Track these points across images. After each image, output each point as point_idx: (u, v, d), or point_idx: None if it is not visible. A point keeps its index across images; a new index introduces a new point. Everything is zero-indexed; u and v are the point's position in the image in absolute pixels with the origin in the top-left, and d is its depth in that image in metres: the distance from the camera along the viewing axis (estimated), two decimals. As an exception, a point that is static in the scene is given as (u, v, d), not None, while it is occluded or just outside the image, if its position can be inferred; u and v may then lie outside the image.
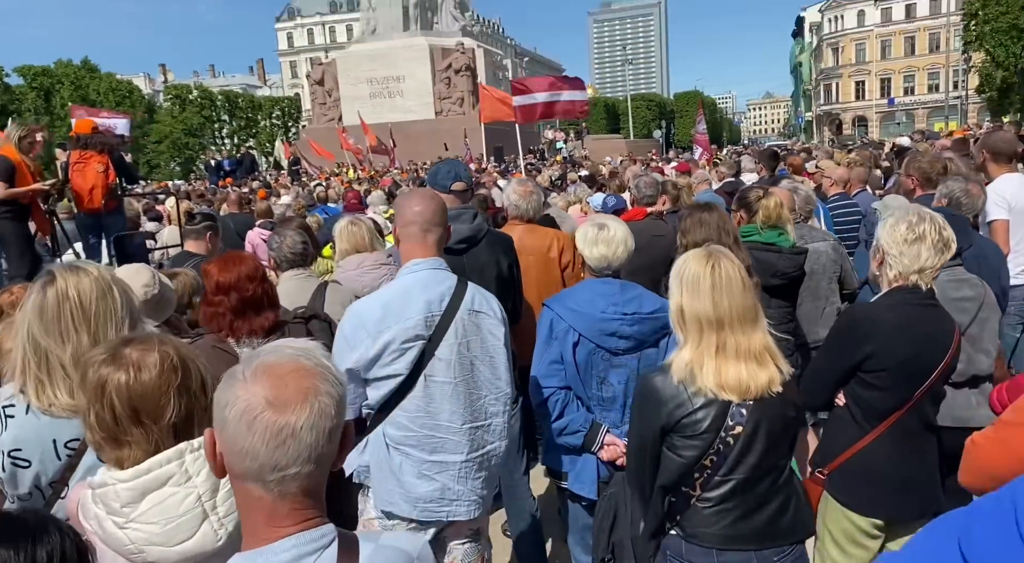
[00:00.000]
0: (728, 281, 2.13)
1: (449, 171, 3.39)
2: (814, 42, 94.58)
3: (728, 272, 2.14)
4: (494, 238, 3.46)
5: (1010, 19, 47.42)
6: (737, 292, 2.13)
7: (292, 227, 3.52)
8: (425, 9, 36.09)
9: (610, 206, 5.58)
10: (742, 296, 2.13)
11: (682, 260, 2.23)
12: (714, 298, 2.11)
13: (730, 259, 2.18)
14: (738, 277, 2.14)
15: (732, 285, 2.13)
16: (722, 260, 2.16)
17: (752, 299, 2.16)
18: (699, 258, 2.18)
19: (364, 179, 21.51)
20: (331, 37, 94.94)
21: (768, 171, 8.03)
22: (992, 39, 48.58)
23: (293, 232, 3.48)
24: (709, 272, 2.14)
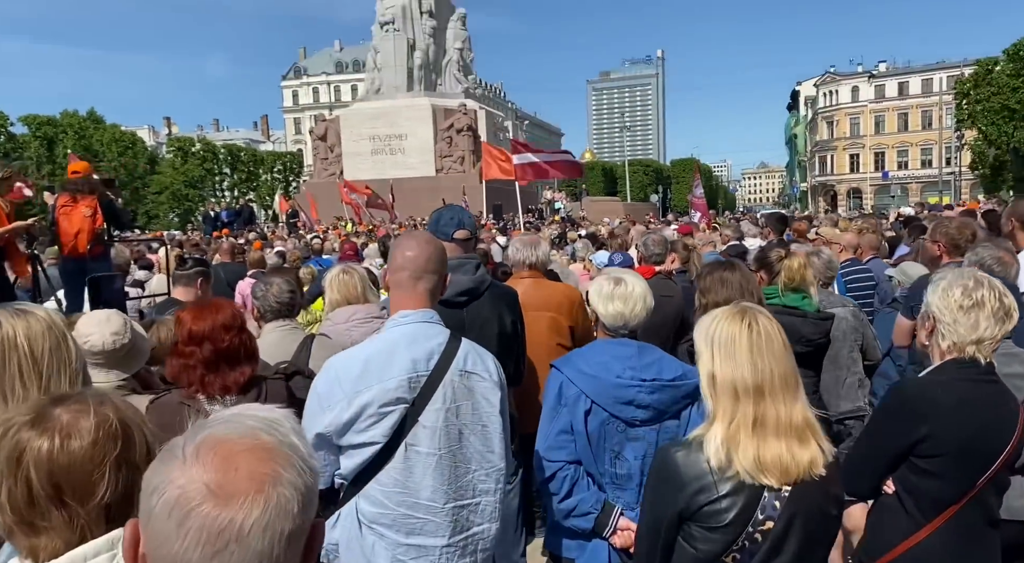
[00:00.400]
0: (768, 341, 1.86)
1: (452, 217, 3.15)
2: (809, 115, 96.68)
3: (767, 331, 1.87)
4: (498, 291, 3.20)
5: (1001, 100, 48.54)
6: (779, 354, 1.85)
7: (279, 275, 3.25)
8: (429, 71, 36.73)
9: (616, 264, 5.35)
10: (784, 359, 1.86)
11: (712, 319, 1.95)
12: (753, 362, 1.84)
13: (767, 317, 1.92)
14: (778, 337, 1.88)
15: (772, 346, 1.85)
16: (759, 318, 1.90)
17: (793, 363, 1.89)
18: (733, 316, 1.91)
19: (362, 233, 21.40)
20: (336, 96, 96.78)
21: (776, 235, 7.85)
22: (984, 118, 49.64)
23: (280, 280, 3.22)
24: (746, 332, 1.87)
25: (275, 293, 3.17)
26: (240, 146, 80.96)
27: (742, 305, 1.95)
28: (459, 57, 37.80)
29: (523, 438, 3.35)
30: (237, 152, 75.84)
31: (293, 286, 3.27)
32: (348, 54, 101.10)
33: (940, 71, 79.93)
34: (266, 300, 3.18)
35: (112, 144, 64.20)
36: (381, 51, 36.47)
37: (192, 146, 71.41)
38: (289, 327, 3.22)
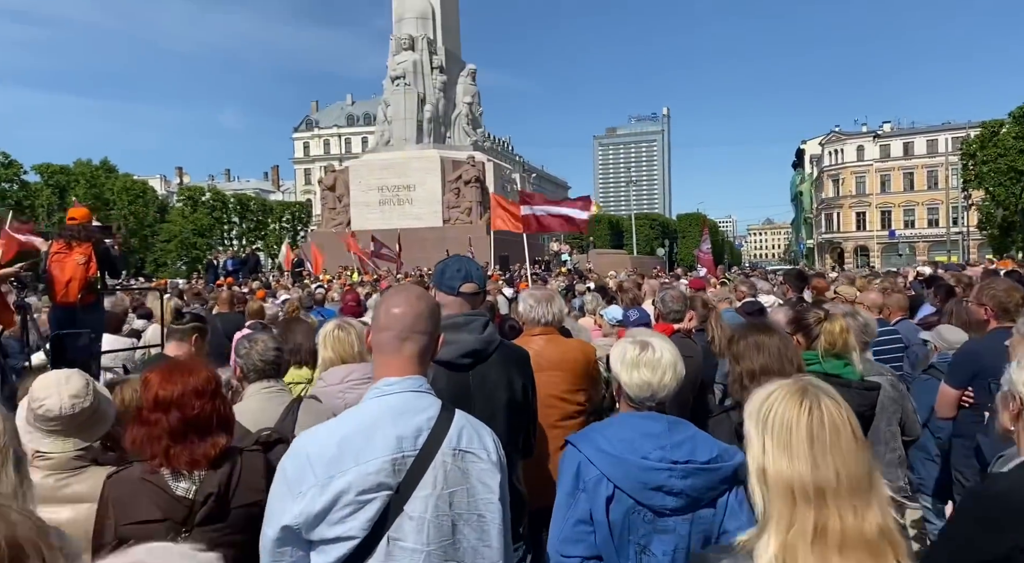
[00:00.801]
0: (834, 432, 1.52)
1: (459, 269, 2.86)
2: (814, 173, 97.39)
3: (834, 419, 1.54)
4: (508, 353, 2.89)
5: (1008, 161, 48.73)
6: (848, 450, 1.52)
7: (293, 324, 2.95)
8: (439, 124, 37.10)
9: (632, 320, 5.04)
10: (855, 456, 1.52)
11: (764, 398, 1.62)
12: (814, 457, 1.51)
13: (833, 399, 1.59)
14: (848, 428, 1.54)
15: (841, 439, 1.52)
16: (823, 400, 1.57)
17: (867, 461, 1.55)
18: (790, 396, 1.59)
19: (367, 282, 21.18)
20: (346, 148, 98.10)
21: (795, 292, 7.53)
22: (991, 179, 49.77)
23: (265, 336, 2.93)
24: (805, 418, 1.54)
25: (259, 351, 2.88)
26: (250, 196, 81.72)
27: (802, 382, 1.62)
28: (468, 111, 38.24)
29: (532, 516, 3.00)
30: (246, 201, 76.52)
31: (279, 343, 2.97)
32: (359, 108, 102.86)
33: (945, 132, 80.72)
34: (249, 359, 2.88)
35: (123, 193, 64.90)
36: (392, 104, 36.93)
37: (202, 195, 72.11)
38: (274, 389, 2.91)
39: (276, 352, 2.91)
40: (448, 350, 2.71)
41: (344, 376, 3.24)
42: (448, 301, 2.84)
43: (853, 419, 1.55)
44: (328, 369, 3.29)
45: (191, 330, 4.50)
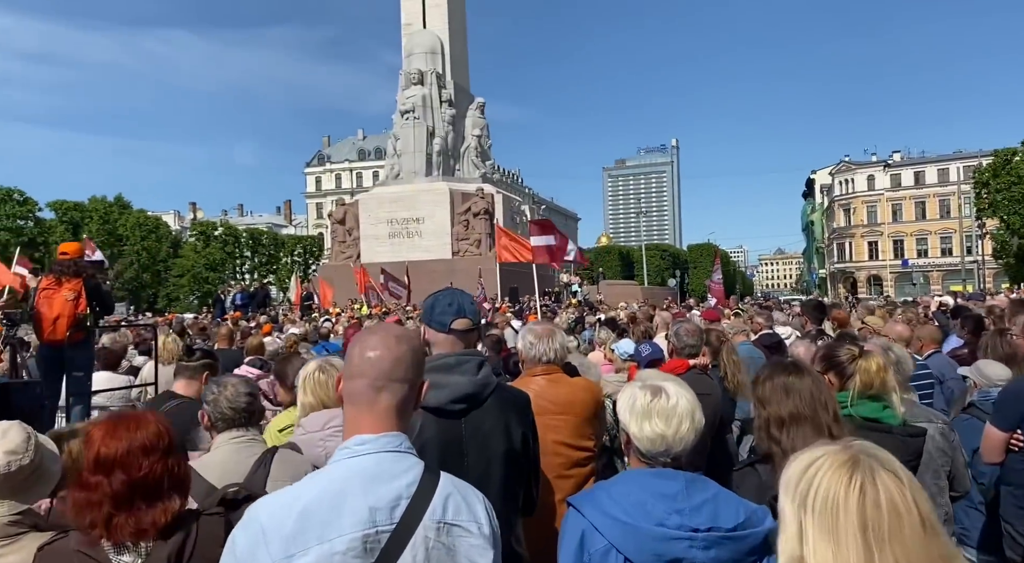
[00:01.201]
0: (895, 517, 1.21)
1: (450, 303, 2.59)
2: (825, 202, 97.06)
3: (893, 500, 1.22)
4: (506, 397, 2.59)
5: (1021, 189, 48.29)
6: (914, 541, 1.20)
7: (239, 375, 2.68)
8: (448, 157, 37.18)
9: (644, 355, 4.73)
10: (923, 549, 1.20)
11: (805, 467, 1.31)
12: (868, 548, 1.19)
13: (894, 474, 1.27)
14: (914, 512, 1.22)
15: (903, 526, 1.20)
16: (879, 475, 1.26)
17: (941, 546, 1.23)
18: (838, 468, 1.27)
19: (376, 315, 20.95)
20: (357, 182, 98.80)
21: (814, 324, 7.19)
22: (1005, 207, 49.28)
23: (236, 381, 2.64)
24: (856, 498, 1.23)
25: (228, 397, 2.59)
26: (262, 230, 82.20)
27: (852, 449, 1.31)
28: (477, 143, 38.33)
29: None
30: (258, 236, 76.94)
31: (252, 388, 2.69)
32: (370, 142, 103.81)
33: (956, 161, 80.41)
34: (216, 406, 2.59)
35: (136, 228, 65.44)
36: (401, 138, 37.10)
37: (214, 230, 72.58)
38: (245, 438, 2.61)
39: (248, 398, 2.62)
40: (438, 394, 2.43)
41: (326, 422, 2.96)
42: (439, 339, 2.57)
43: (921, 498, 1.24)
44: (308, 415, 3.01)
45: (202, 367, 4.25)
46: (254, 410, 2.66)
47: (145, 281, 66.24)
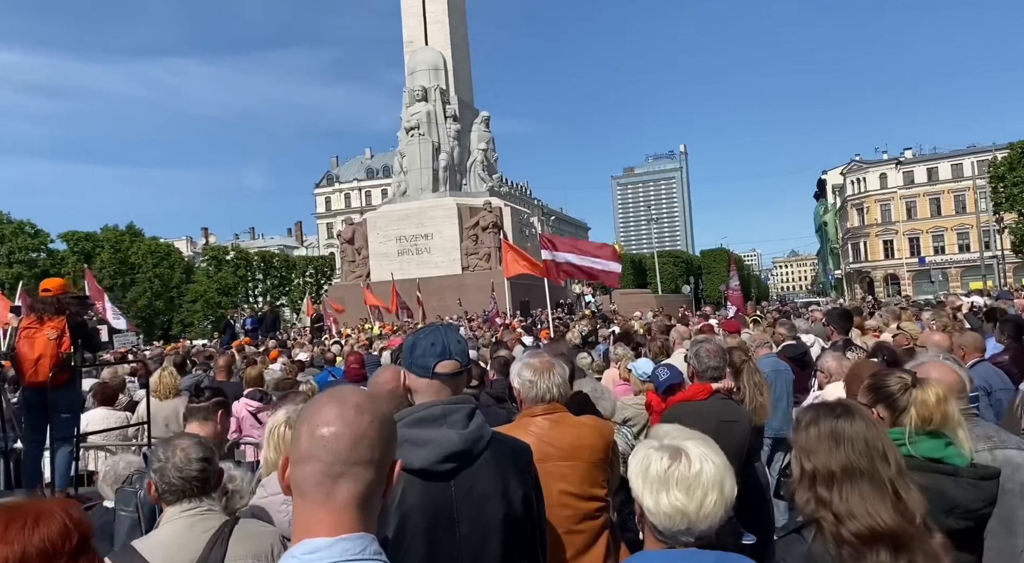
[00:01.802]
0: None
1: (433, 343, 2.21)
2: (838, 203, 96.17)
3: None
4: (502, 451, 2.20)
5: (1038, 180, 47.51)
6: None
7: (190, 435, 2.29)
8: (454, 172, 36.99)
9: (662, 380, 4.33)
10: None
11: None
12: None
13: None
14: None
15: None
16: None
17: None
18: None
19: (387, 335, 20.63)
20: (366, 200, 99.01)
21: (840, 334, 6.76)
22: (1023, 201, 48.44)
23: (188, 444, 2.27)
24: None
25: (178, 464, 2.21)
26: (273, 252, 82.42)
27: None
28: (483, 157, 38.11)
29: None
30: (270, 258, 77.10)
31: (207, 451, 2.31)
32: (378, 160, 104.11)
33: (970, 155, 79.52)
34: (164, 475, 2.21)
35: (148, 256, 65.66)
36: (407, 155, 36.95)
37: (226, 254, 72.76)
38: (198, 512, 2.23)
39: (201, 464, 2.24)
40: (422, 453, 2.06)
41: None
42: (421, 386, 2.20)
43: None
44: (271, 473, 2.64)
45: (215, 407, 3.99)
46: (208, 476, 2.29)
47: (158, 308, 66.36)
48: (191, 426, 3.97)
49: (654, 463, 1.65)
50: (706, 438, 1.76)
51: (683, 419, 3.98)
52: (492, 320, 19.10)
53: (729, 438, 4.00)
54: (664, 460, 1.64)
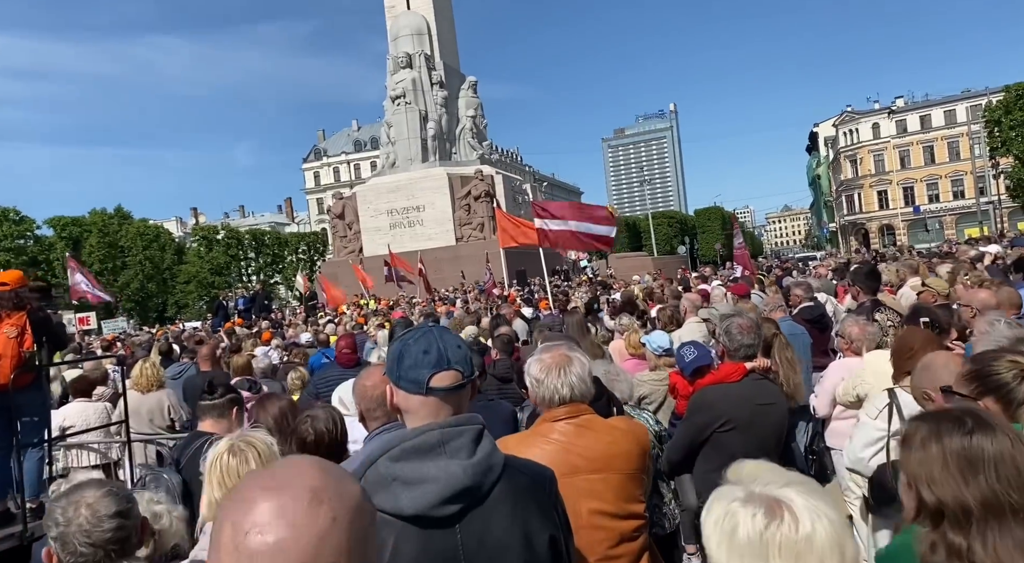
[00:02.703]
0: None
1: (426, 350, 1.71)
2: (831, 155, 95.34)
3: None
4: (519, 482, 1.72)
5: (1035, 122, 46.86)
6: None
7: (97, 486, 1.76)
8: (443, 141, 36.18)
9: (689, 360, 3.86)
10: None
11: None
12: None
13: None
14: None
15: None
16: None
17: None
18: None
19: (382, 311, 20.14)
20: (355, 173, 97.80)
21: (868, 294, 6.28)
22: (1020, 144, 47.87)
23: (94, 497, 1.75)
24: None
25: (84, 525, 1.70)
26: (264, 230, 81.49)
27: None
28: (472, 124, 37.28)
29: None
30: (261, 236, 76.22)
31: (122, 503, 1.79)
32: (365, 132, 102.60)
33: (963, 101, 78.62)
34: (66, 542, 1.70)
35: (137, 238, 64.73)
36: (394, 125, 36.11)
37: (216, 234, 71.84)
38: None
39: (116, 522, 1.71)
40: (418, 494, 1.58)
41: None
42: (413, 404, 1.71)
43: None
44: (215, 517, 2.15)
45: (229, 403, 3.94)
46: (127, 535, 1.78)
47: (151, 291, 65.67)
48: (204, 424, 3.97)
49: (744, 524, 1.17)
50: (811, 483, 1.26)
51: (716, 404, 3.52)
52: (489, 291, 18.59)
53: (767, 423, 3.55)
54: (758, 518, 1.16)
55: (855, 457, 3.39)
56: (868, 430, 3.40)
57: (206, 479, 2.17)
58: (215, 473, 2.13)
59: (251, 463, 2.14)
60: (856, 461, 3.38)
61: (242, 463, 2.14)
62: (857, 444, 3.40)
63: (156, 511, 2.03)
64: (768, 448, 3.57)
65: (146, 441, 7.57)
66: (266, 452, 2.19)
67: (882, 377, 4.14)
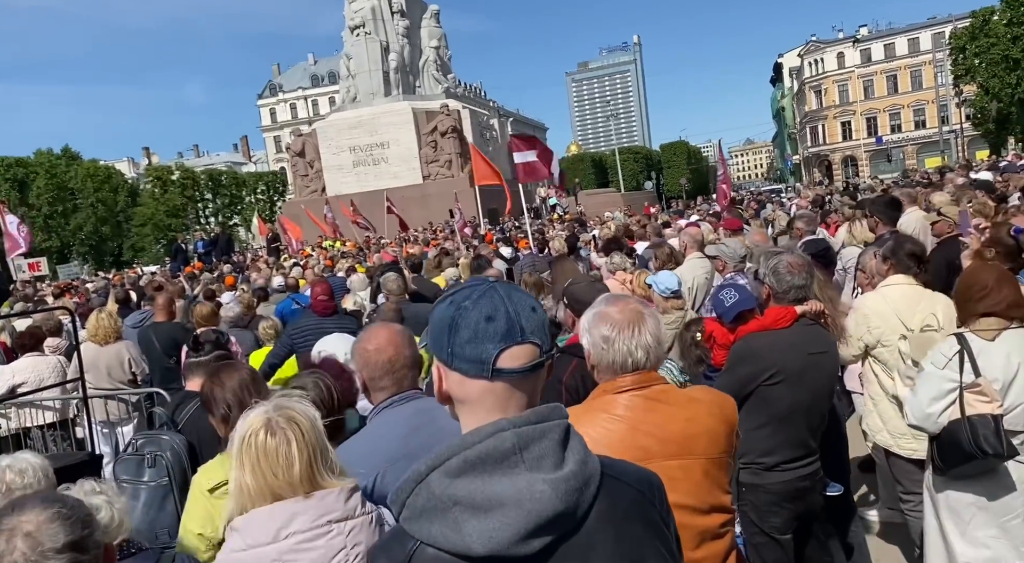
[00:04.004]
0: None
1: (489, 317, 1.16)
2: (795, 86, 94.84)
3: None
4: (622, 495, 1.22)
5: (1001, 50, 46.76)
6: None
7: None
8: (406, 74, 34.73)
9: (731, 304, 3.39)
10: None
11: None
12: None
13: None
14: None
15: None
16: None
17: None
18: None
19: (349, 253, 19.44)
20: (314, 110, 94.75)
21: (887, 225, 5.87)
22: (985, 71, 47.90)
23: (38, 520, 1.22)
24: None
25: (27, 554, 1.19)
26: (221, 170, 78.97)
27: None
28: (436, 56, 35.83)
29: None
30: (218, 176, 73.85)
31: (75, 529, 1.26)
32: (323, 66, 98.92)
33: (927, 29, 78.33)
34: None
35: (87, 180, 62.23)
36: (354, 57, 34.49)
37: (171, 175, 69.34)
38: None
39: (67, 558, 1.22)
40: (491, 528, 1.09)
41: (280, 527, 1.63)
42: (472, 393, 1.19)
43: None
44: (245, 510, 1.67)
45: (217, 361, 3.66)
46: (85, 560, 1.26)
47: (105, 235, 63.53)
48: (191, 383, 3.79)
49: None
50: None
51: (763, 353, 3.08)
52: (461, 231, 17.96)
53: (819, 375, 3.14)
54: None
55: (922, 413, 2.99)
56: (936, 381, 3.00)
57: (235, 460, 1.68)
58: (248, 455, 1.65)
59: (293, 446, 1.67)
60: (924, 418, 2.99)
61: (282, 444, 1.67)
62: (924, 398, 3.00)
63: (95, 503, 1.61)
64: (819, 403, 3.17)
65: (106, 397, 7.02)
66: (310, 432, 1.71)
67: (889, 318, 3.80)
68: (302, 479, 1.67)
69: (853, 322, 3.92)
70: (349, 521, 1.73)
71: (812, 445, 3.16)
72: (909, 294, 3.85)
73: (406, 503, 1.14)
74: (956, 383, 2.95)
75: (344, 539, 1.70)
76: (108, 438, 7.24)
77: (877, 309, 3.93)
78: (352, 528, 1.73)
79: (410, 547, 1.13)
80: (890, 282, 3.95)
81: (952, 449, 2.91)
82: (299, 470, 1.66)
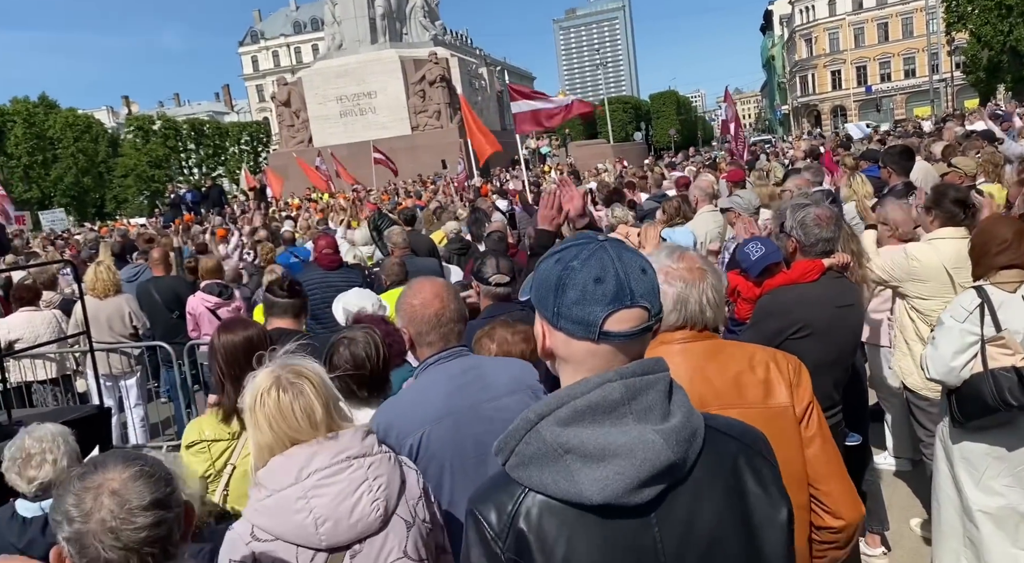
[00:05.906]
0: None
1: (598, 279, 1.15)
2: (785, 34, 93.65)
3: None
4: (726, 451, 1.23)
5: (995, -4, 46.18)
6: None
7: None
8: (393, 20, 33.92)
9: (756, 258, 3.41)
10: None
11: None
12: None
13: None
14: None
15: None
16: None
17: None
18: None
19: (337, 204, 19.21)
20: (297, 58, 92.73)
21: (900, 175, 5.87)
22: (978, 18, 47.39)
23: (121, 479, 1.18)
24: None
25: (108, 519, 1.12)
26: (203, 120, 77.42)
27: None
28: (423, 2, 34.98)
29: None
30: (200, 126, 72.41)
31: (161, 490, 1.22)
32: (305, 12, 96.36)
33: (920, -25, 77.12)
34: (84, 543, 1.13)
35: (67, 129, 60.86)
36: (339, 3, 33.60)
37: (152, 124, 67.91)
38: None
39: (152, 517, 1.15)
40: (607, 476, 1.12)
41: (301, 468, 1.68)
42: (578, 354, 1.19)
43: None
44: (266, 462, 1.73)
45: (295, 306, 3.83)
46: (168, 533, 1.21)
47: (87, 185, 62.43)
48: (275, 321, 3.77)
49: None
50: None
51: (791, 307, 3.11)
52: (460, 183, 17.73)
53: (845, 328, 3.17)
54: None
55: (946, 367, 3.04)
56: (957, 334, 3.05)
57: (250, 420, 1.72)
58: (261, 412, 1.68)
59: (308, 397, 1.72)
60: (948, 371, 3.04)
61: (295, 399, 1.71)
62: (946, 351, 3.05)
63: (31, 452, 1.65)
64: (845, 356, 3.22)
65: (108, 350, 7.00)
66: (321, 384, 1.75)
67: (939, 273, 3.80)
68: (319, 425, 1.74)
69: (891, 261, 3.88)
70: (368, 457, 1.79)
71: (836, 397, 3.21)
72: (961, 250, 3.54)
73: (515, 450, 1.16)
74: (977, 336, 3.00)
75: (365, 472, 1.77)
76: (111, 391, 7.24)
77: (928, 261, 3.82)
78: (372, 463, 1.79)
79: (518, 494, 1.16)
80: (940, 235, 3.85)
81: (973, 402, 2.97)
82: (319, 418, 1.73)
